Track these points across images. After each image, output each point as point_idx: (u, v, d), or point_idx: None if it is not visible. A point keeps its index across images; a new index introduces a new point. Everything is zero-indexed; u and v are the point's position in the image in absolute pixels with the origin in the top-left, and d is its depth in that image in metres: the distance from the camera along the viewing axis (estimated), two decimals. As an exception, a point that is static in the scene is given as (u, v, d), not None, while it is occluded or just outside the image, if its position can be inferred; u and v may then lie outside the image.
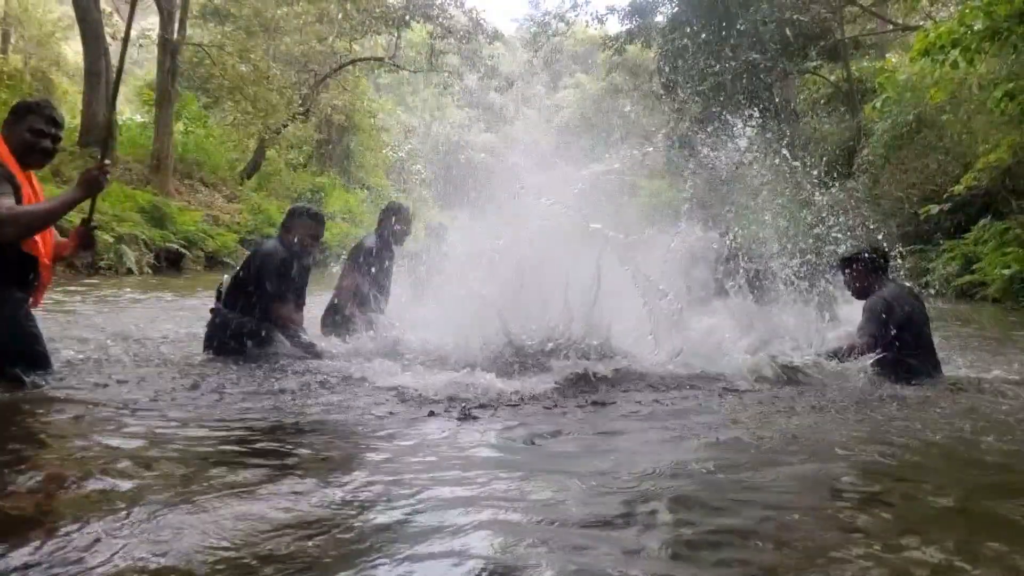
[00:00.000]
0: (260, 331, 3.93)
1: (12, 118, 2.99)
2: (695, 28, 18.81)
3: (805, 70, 19.04)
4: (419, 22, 22.54)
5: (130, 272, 10.68)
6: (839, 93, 18.83)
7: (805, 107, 19.66)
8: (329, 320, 4.77)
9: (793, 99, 19.61)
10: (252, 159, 20.52)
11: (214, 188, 17.65)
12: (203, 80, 19.58)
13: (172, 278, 11.18)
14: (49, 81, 22.13)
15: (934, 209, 12.64)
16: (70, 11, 17.09)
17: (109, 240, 10.37)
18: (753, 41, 17.83)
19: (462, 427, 2.61)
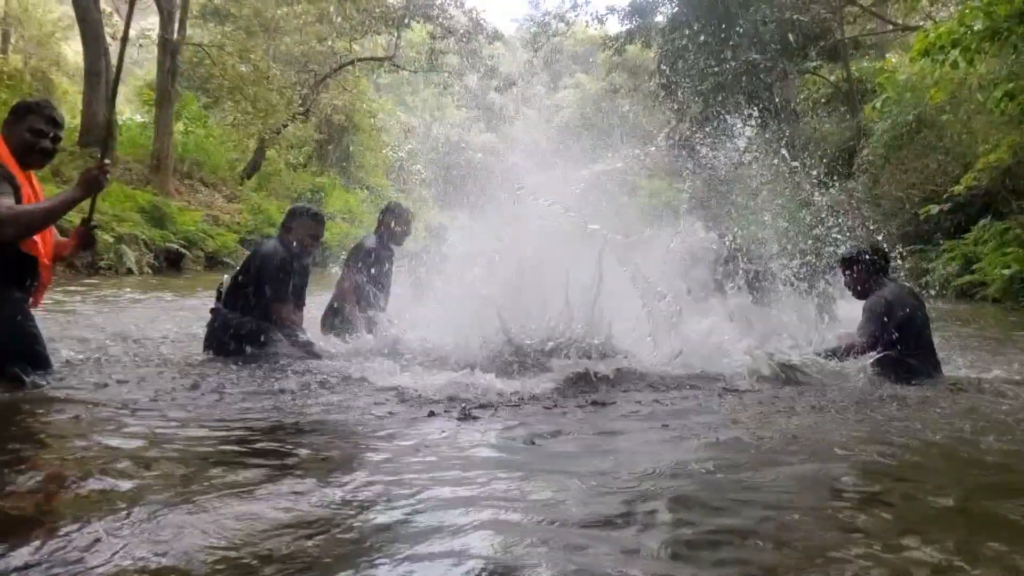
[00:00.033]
0: (260, 331, 3.93)
1: (12, 118, 2.99)
2: (695, 28, 18.82)
3: (805, 70, 19.05)
4: (419, 22, 22.54)
5: (130, 272, 10.68)
6: (839, 93, 18.83)
7: (805, 107, 19.67)
8: (329, 320, 4.77)
9: (793, 99, 19.60)
10: (252, 159, 20.52)
11: (214, 188, 17.65)
12: (203, 80, 19.59)
13: (172, 278, 11.18)
14: (49, 81, 22.14)
15: (934, 209, 12.65)
16: (70, 11, 17.10)
17: (109, 240, 10.37)
18: (753, 41, 17.83)
19: (462, 427, 2.61)
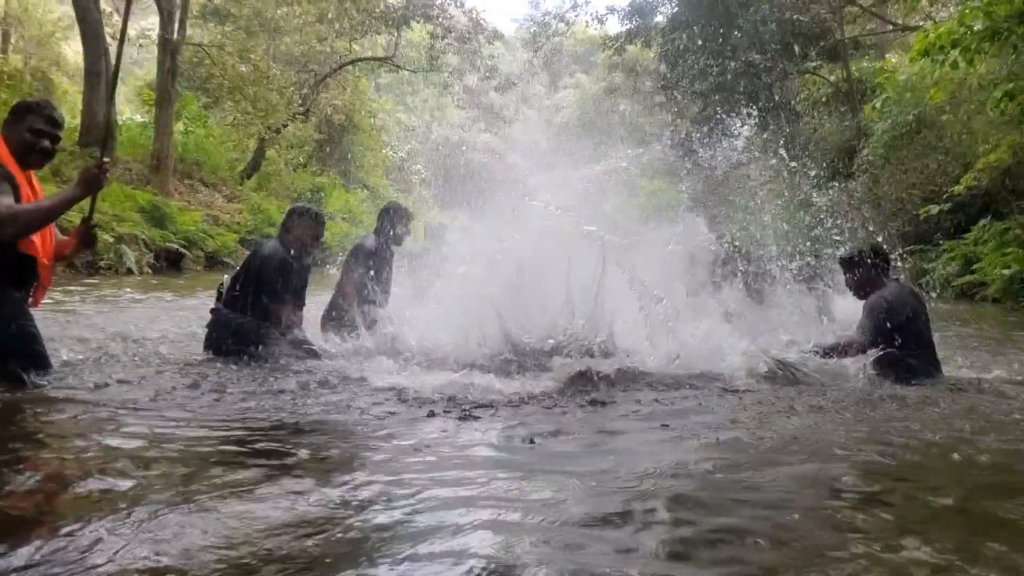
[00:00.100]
0: (260, 331, 3.93)
1: (12, 118, 2.99)
2: (695, 29, 18.83)
3: (805, 70, 19.04)
4: (419, 22, 22.52)
5: (130, 272, 10.68)
6: (839, 93, 18.83)
7: (805, 107, 19.67)
8: (329, 320, 4.77)
9: (793, 99, 19.61)
10: (252, 159, 20.51)
11: (214, 188, 17.65)
12: (203, 80, 19.57)
13: (172, 278, 11.17)
14: (49, 81, 22.14)
15: (934, 209, 12.65)
16: (70, 11, 17.09)
17: (109, 240, 10.37)
18: (753, 41, 17.84)
19: (462, 427, 2.61)
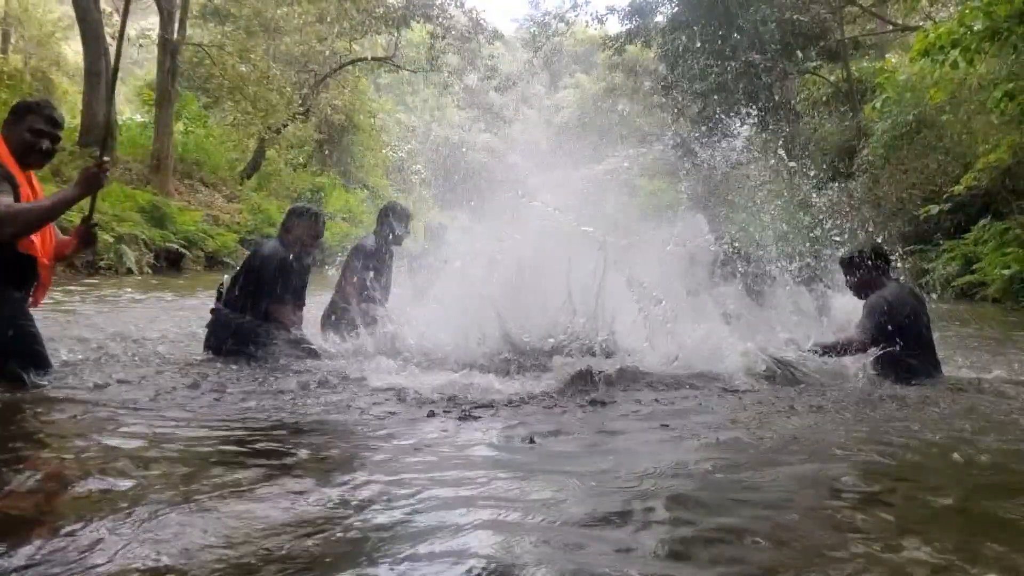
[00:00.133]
0: (260, 331, 3.93)
1: (12, 118, 2.99)
2: (695, 28, 18.82)
3: (805, 70, 19.04)
4: (419, 22, 22.53)
5: (130, 272, 10.68)
6: (839, 93, 18.83)
7: (805, 107, 19.67)
8: (329, 320, 4.77)
9: (793, 99, 19.61)
10: (252, 159, 20.52)
11: (214, 188, 17.65)
12: (203, 80, 19.57)
13: (172, 278, 11.18)
14: (49, 81, 22.14)
15: (934, 209, 12.65)
16: (70, 11, 17.09)
17: (109, 240, 10.37)
18: (753, 41, 17.83)
19: (462, 427, 2.61)
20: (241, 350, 3.86)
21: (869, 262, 3.99)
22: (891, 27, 18.35)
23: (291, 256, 4.09)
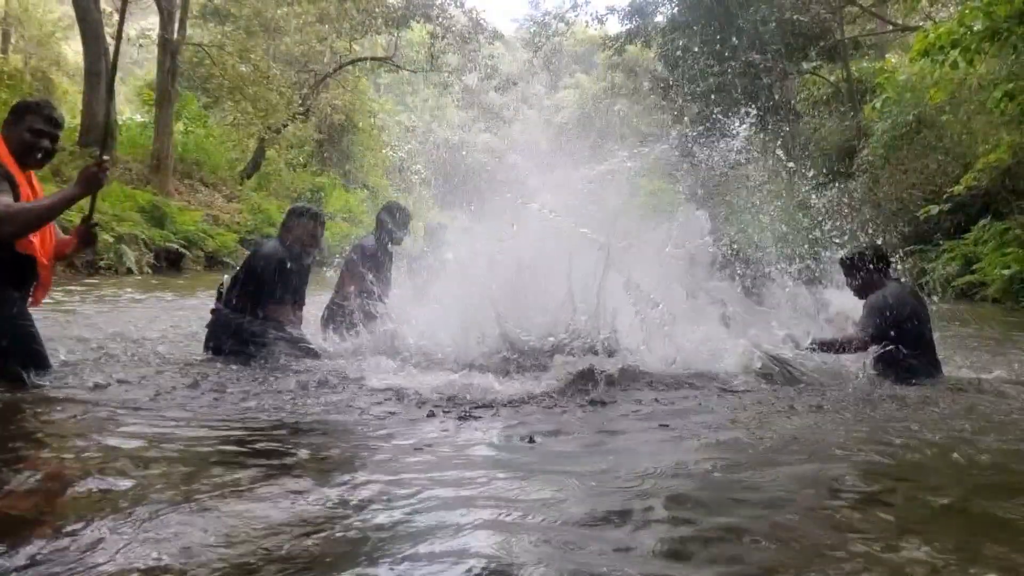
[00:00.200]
0: (260, 331, 3.93)
1: (12, 118, 2.99)
2: (695, 28, 18.83)
3: (805, 70, 19.05)
4: (419, 22, 22.54)
5: (130, 272, 10.68)
6: (839, 93, 18.83)
7: (805, 107, 19.67)
8: (329, 320, 4.77)
9: (793, 99, 19.61)
10: (252, 159, 20.52)
11: (214, 188, 17.65)
12: (203, 80, 19.58)
13: (172, 278, 11.17)
14: (49, 81, 22.14)
15: (934, 209, 12.65)
16: (70, 11, 17.10)
17: (109, 240, 10.37)
18: (753, 41, 17.84)
19: (462, 427, 2.61)
20: (241, 350, 3.86)
21: (869, 263, 3.98)
22: (891, 27, 18.35)
23: (291, 256, 4.09)
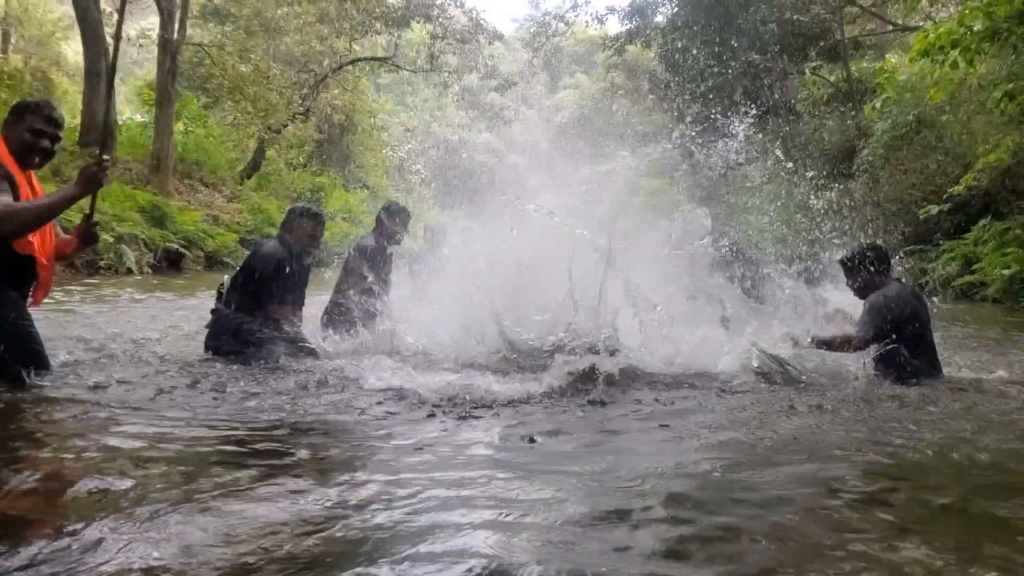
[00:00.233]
0: (260, 331, 3.93)
1: (12, 118, 2.99)
2: (695, 29, 18.82)
3: (805, 70, 19.04)
4: (419, 22, 22.53)
5: (130, 272, 10.68)
6: (839, 93, 18.83)
7: (805, 107, 19.67)
8: (329, 320, 4.77)
9: (793, 99, 19.61)
10: (252, 159, 20.51)
11: (214, 188, 17.65)
12: (203, 80, 19.57)
13: (172, 278, 11.17)
14: (49, 81, 22.13)
15: (934, 209, 12.65)
16: (70, 11, 17.09)
17: (109, 240, 10.36)
18: (753, 41, 17.83)
19: (462, 427, 2.61)
20: (241, 350, 3.86)
21: (870, 263, 3.99)
22: (891, 27, 18.35)
23: (291, 256, 4.09)
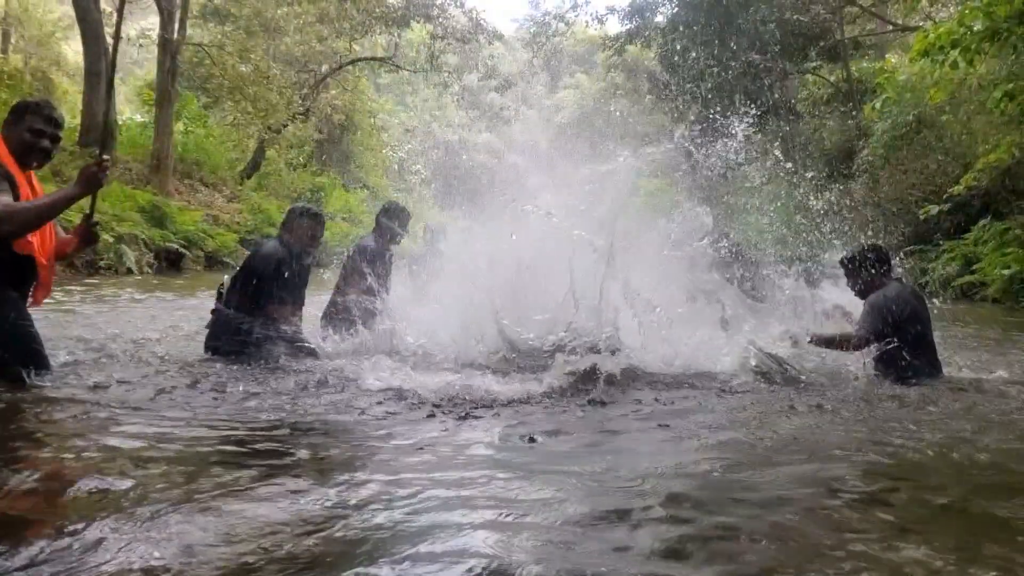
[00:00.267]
0: (260, 331, 3.93)
1: (12, 118, 2.99)
2: (695, 29, 18.82)
3: (805, 70, 19.05)
4: (419, 22, 22.53)
5: (130, 272, 10.68)
6: (839, 93, 18.83)
7: (805, 107, 19.67)
8: (328, 320, 4.77)
9: (793, 99, 19.61)
10: (252, 159, 20.52)
11: (214, 188, 17.65)
12: (203, 80, 19.58)
13: (172, 278, 11.17)
14: (49, 81, 22.13)
15: (934, 210, 12.66)
16: (70, 11, 17.10)
17: (109, 240, 10.37)
18: (753, 41, 17.83)
19: (462, 427, 2.61)
20: (241, 350, 3.86)
21: (871, 264, 3.99)
22: (891, 27, 18.36)
23: (291, 256, 4.09)
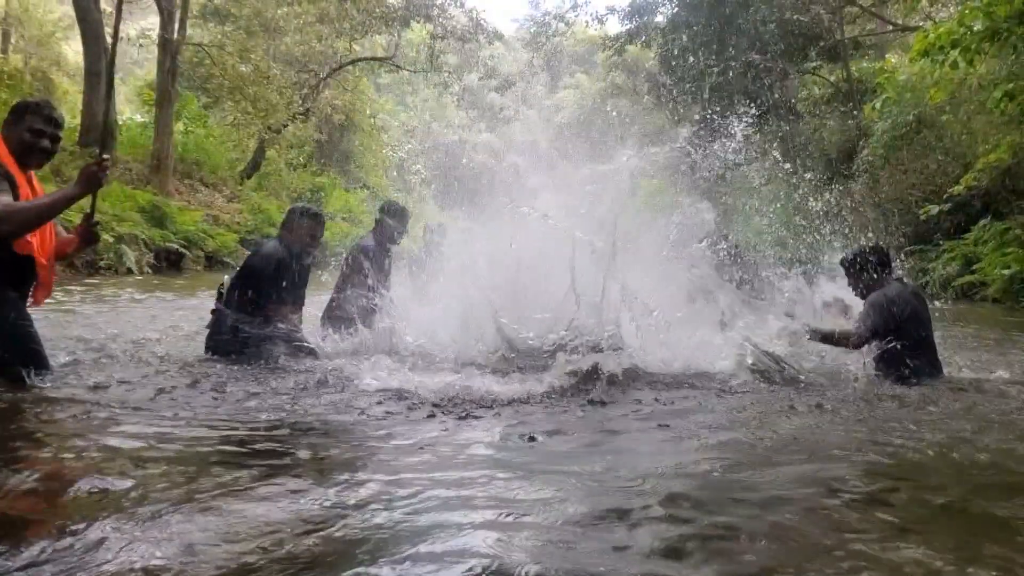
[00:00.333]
0: (260, 331, 3.93)
1: (12, 118, 2.99)
2: (695, 29, 18.82)
3: (805, 70, 19.04)
4: (419, 22, 22.53)
5: (130, 272, 10.68)
6: (839, 93, 18.83)
7: (805, 107, 19.67)
8: (328, 320, 4.77)
9: (793, 99, 19.61)
10: (252, 159, 20.51)
11: (214, 188, 17.65)
12: (203, 80, 19.58)
13: (172, 278, 11.17)
14: (49, 81, 22.14)
15: (934, 209, 12.65)
16: (70, 11, 17.10)
17: (109, 240, 10.37)
18: (753, 42, 17.83)
19: (462, 427, 2.61)
20: (241, 350, 3.86)
21: (872, 265, 3.99)
22: (891, 27, 18.35)
23: (291, 256, 4.09)
